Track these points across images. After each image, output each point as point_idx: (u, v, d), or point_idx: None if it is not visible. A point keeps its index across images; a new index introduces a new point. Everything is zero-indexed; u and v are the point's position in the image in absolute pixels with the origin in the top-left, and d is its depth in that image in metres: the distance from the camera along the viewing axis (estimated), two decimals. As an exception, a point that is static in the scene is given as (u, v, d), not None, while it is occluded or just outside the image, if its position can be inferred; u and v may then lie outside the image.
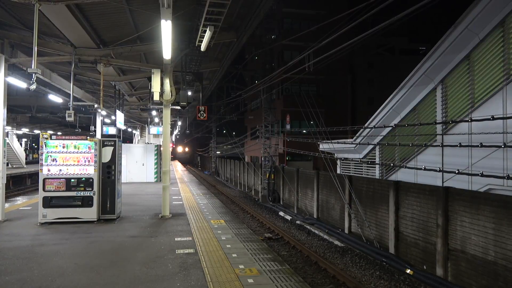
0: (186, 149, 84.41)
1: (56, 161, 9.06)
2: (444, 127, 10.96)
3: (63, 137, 9.32)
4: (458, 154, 10.10)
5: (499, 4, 9.08)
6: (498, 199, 7.53)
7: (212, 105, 40.02)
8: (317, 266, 10.19)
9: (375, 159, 15.01)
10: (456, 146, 9.06)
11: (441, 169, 9.52)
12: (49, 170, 9.01)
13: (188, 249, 6.93)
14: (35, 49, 7.71)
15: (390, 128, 13.00)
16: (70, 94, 12.14)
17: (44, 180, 8.95)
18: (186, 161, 79.18)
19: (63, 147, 9.13)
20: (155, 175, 20.44)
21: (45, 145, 9.04)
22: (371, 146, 15.07)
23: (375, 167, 14.96)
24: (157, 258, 6.37)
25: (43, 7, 7.62)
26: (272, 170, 21.80)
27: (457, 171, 8.66)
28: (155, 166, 20.47)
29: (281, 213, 18.10)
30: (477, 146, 8.38)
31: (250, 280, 5.38)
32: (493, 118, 7.90)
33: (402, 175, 12.83)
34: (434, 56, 11.09)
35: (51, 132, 31.74)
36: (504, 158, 8.91)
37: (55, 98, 15.61)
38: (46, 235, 7.90)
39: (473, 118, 9.14)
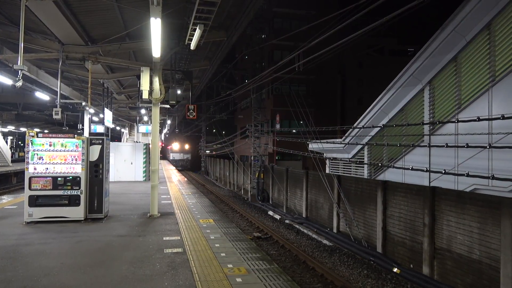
0: (186, 147, 53.63)
1: (43, 159, 8.92)
2: (431, 127, 11.10)
3: (50, 135, 9.18)
4: (445, 155, 10.24)
5: (485, 7, 9.23)
6: (483, 199, 7.66)
7: (202, 104, 39.90)
8: (306, 265, 10.24)
9: (363, 159, 15.13)
10: (443, 146, 9.20)
11: (428, 169, 9.64)
12: (35, 169, 8.87)
13: (176, 249, 6.90)
14: (22, 45, 7.59)
15: (379, 128, 13.12)
16: (57, 91, 11.99)
17: (30, 178, 8.81)
18: (186, 166, 52.12)
19: (50, 145, 9.00)
20: (144, 174, 20.28)
21: (31, 143, 8.89)
22: (359, 146, 15.19)
23: (363, 167, 15.08)
24: (145, 257, 6.32)
25: (30, 3, 7.51)
26: (262, 169, 21.83)
27: (443, 171, 8.79)
28: (144, 165, 20.31)
29: (270, 212, 18.13)
30: (463, 146, 8.51)
31: (239, 279, 5.38)
32: (479, 119, 8.03)
33: (390, 175, 12.96)
34: (422, 57, 11.22)
35: (38, 130, 31.33)
36: (489, 158, 9.06)
37: (42, 96, 15.42)
38: (32, 235, 7.78)
39: (459, 119, 9.28)
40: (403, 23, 32.97)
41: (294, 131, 25.60)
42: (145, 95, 10.21)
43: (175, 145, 52.79)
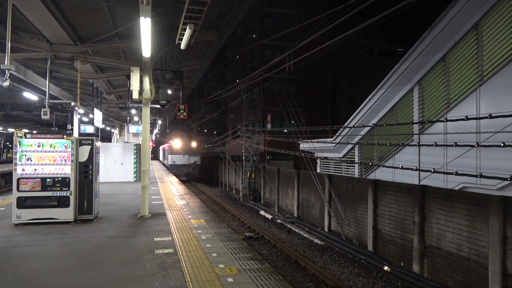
0: (193, 145, 36.42)
1: (31, 160, 8.82)
2: (420, 127, 11.20)
3: (38, 136, 9.08)
4: (434, 153, 10.35)
5: (473, 7, 9.35)
6: (471, 197, 7.76)
7: (193, 104, 39.72)
8: (297, 264, 10.27)
9: (354, 158, 15.21)
10: (432, 145, 9.28)
11: (417, 168, 9.73)
12: (23, 170, 8.76)
13: (167, 249, 6.86)
14: (9, 44, 7.48)
15: (369, 127, 13.21)
16: (46, 91, 11.85)
17: (18, 180, 8.70)
18: (193, 174, 35.16)
19: (38, 146, 8.89)
20: (135, 175, 20.15)
21: (19, 144, 8.78)
22: (350, 146, 15.27)
23: (354, 166, 15.17)
24: (136, 258, 6.28)
25: (17, 1, 7.40)
26: (253, 169, 21.84)
27: (433, 170, 8.88)
28: (135, 165, 20.18)
29: (262, 212, 18.14)
30: (452, 145, 8.60)
31: (230, 279, 5.38)
32: (467, 118, 8.12)
33: (380, 174, 13.05)
34: (411, 57, 11.31)
35: (26, 130, 30.87)
36: (477, 157, 9.18)
37: (30, 96, 15.20)
38: (20, 237, 7.68)
39: (448, 118, 9.38)
40: (393, 23, 33.29)
41: (285, 130, 25.65)
42: (135, 95, 10.14)
43: (176, 143, 34.45)
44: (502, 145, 7.24)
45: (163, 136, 49.33)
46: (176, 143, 34.94)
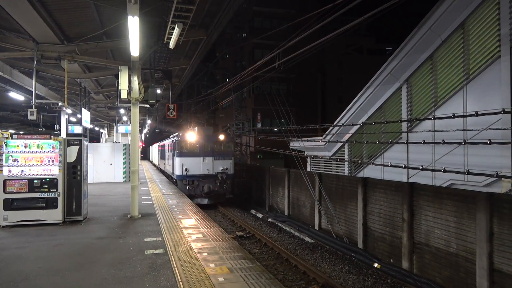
0: (221, 137, 18.43)
1: (18, 161, 8.70)
2: (409, 125, 11.32)
3: (25, 137, 8.95)
4: (423, 151, 10.47)
5: (459, 6, 9.47)
6: (459, 193, 7.86)
7: (182, 103, 39.52)
8: (288, 262, 10.29)
9: (344, 156, 15.31)
10: (420, 143, 9.40)
11: (406, 165, 9.83)
12: (10, 171, 8.63)
13: (157, 250, 6.83)
14: (-7, 44, 7.37)
15: (358, 126, 13.31)
16: (32, 91, 11.68)
17: (4, 181, 8.57)
18: (223, 193, 18.17)
19: (25, 146, 8.78)
20: (124, 175, 19.98)
21: (5, 145, 8.65)
22: (340, 144, 15.36)
23: (344, 164, 15.27)
24: (126, 259, 6.24)
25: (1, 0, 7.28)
26: (244, 168, 21.83)
27: (421, 167, 8.98)
28: (124, 165, 20.01)
29: (253, 211, 18.14)
30: (440, 143, 8.72)
31: (221, 279, 5.37)
32: (454, 116, 8.24)
33: (369, 171, 13.16)
34: (399, 56, 11.43)
35: (12, 131, 30.36)
36: (465, 154, 9.31)
37: (16, 96, 14.98)
38: (7, 239, 7.56)
39: (436, 116, 9.49)
40: (381, 22, 33.56)
41: (275, 129, 25.68)
42: (124, 95, 10.05)
43: (190, 136, 18.26)
44: (488, 142, 7.36)
45: (177, 118, 44.30)
46: (190, 136, 18.37)
